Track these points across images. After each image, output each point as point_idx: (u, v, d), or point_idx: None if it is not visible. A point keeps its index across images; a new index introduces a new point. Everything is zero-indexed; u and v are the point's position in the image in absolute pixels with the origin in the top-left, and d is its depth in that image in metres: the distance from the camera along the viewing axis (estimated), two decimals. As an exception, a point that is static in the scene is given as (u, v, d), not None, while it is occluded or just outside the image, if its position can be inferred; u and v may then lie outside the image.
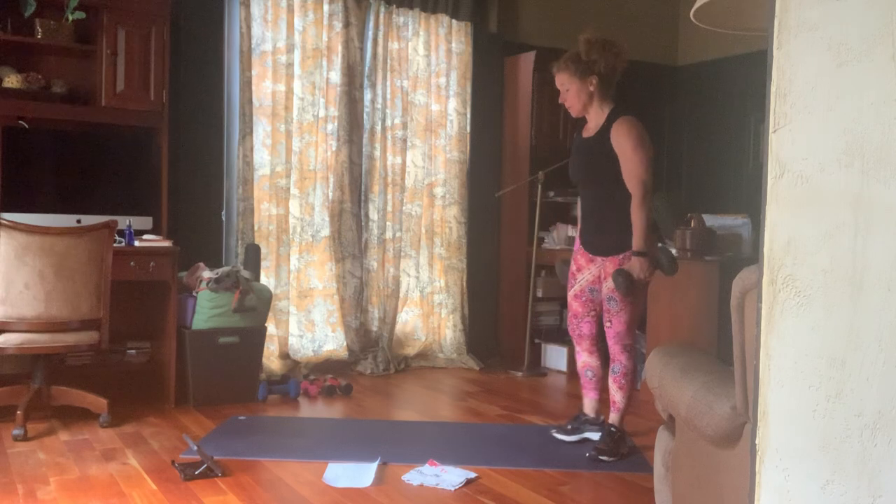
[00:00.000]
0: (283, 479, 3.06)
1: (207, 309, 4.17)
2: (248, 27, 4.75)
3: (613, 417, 3.54)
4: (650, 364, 2.27)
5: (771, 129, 1.19)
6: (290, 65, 4.94)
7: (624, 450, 3.45)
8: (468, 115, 5.68)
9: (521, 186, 5.59)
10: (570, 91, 3.50)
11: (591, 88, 3.47)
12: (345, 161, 5.14)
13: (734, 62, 6.18)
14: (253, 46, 4.80)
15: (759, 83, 5.81)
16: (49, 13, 4.14)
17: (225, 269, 4.26)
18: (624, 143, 3.37)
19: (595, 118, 3.51)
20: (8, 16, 4.09)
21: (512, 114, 5.80)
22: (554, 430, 3.73)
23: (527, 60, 5.67)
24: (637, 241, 3.36)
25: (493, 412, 4.25)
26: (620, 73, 3.51)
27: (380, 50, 5.28)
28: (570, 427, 3.68)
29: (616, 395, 3.55)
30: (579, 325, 3.64)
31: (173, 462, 3.17)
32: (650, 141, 3.40)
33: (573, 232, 5.68)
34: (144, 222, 4.34)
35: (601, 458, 3.39)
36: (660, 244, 3.51)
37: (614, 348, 3.53)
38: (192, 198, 4.68)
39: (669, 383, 2.09)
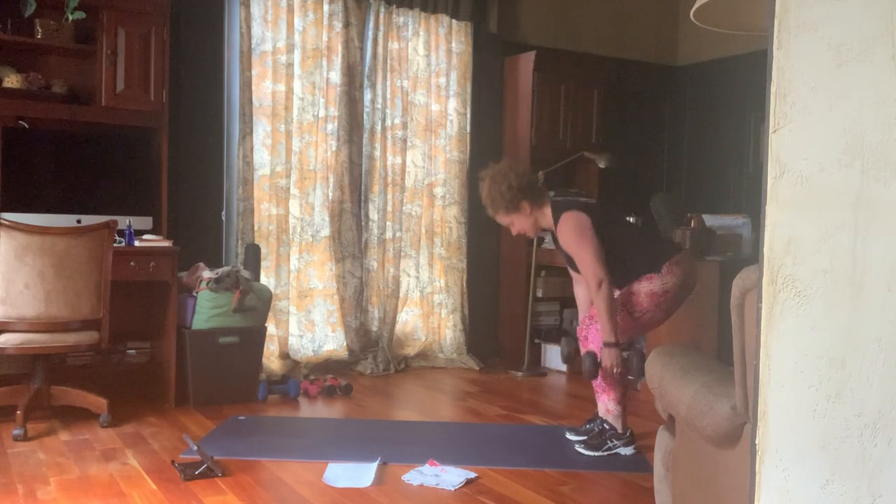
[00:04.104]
0: (283, 479, 3.06)
1: (207, 309, 4.17)
2: (248, 27, 4.75)
3: (610, 418, 3.55)
4: (650, 364, 2.27)
5: (771, 129, 1.19)
6: (290, 65, 4.94)
7: (605, 448, 3.47)
8: (468, 115, 5.67)
9: (521, 186, 5.59)
10: (516, 224, 3.62)
11: (528, 212, 3.56)
12: (345, 161, 5.14)
13: (734, 62, 6.18)
14: (253, 46, 4.80)
15: (759, 83, 5.81)
16: (49, 13, 4.14)
17: (225, 269, 4.26)
18: (566, 243, 3.47)
19: (548, 222, 3.59)
20: (8, 16, 4.09)
21: (512, 114, 5.80)
22: (568, 432, 3.74)
23: (527, 60, 5.67)
24: (604, 331, 3.39)
25: (493, 412, 4.25)
26: (530, 175, 3.60)
27: (380, 50, 5.28)
28: (586, 427, 3.67)
29: (601, 396, 3.57)
30: (588, 328, 3.64)
31: (173, 462, 3.17)
32: (591, 228, 3.41)
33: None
34: (144, 222, 4.34)
35: (577, 448, 3.49)
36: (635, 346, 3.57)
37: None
38: (192, 198, 4.68)
39: (669, 383, 2.09)
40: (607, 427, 3.51)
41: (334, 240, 5.16)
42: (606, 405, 3.54)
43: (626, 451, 3.48)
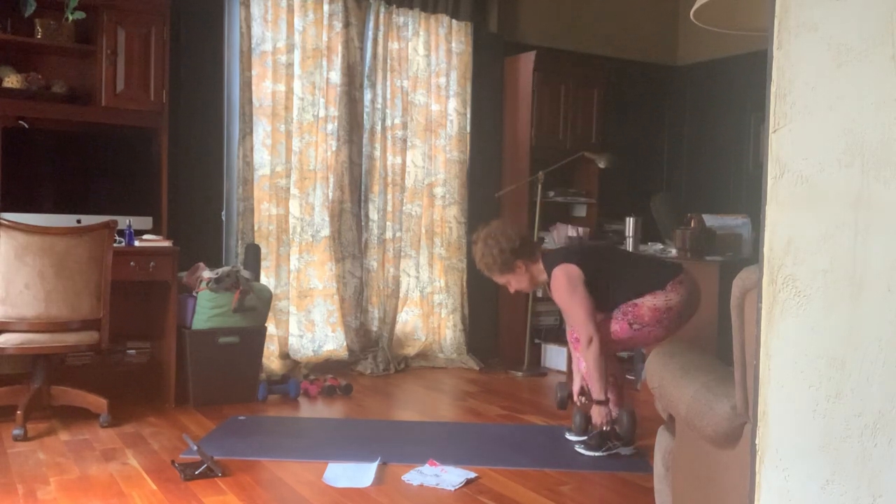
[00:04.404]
0: (283, 479, 3.06)
1: (207, 309, 4.17)
2: (248, 27, 4.75)
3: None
4: (650, 364, 2.27)
5: (771, 129, 1.19)
6: (290, 65, 4.94)
7: (605, 448, 3.48)
8: (468, 115, 5.67)
9: (521, 186, 5.59)
10: (512, 283, 3.68)
11: (522, 270, 3.62)
12: (345, 161, 5.14)
13: (734, 62, 6.18)
14: (253, 46, 4.80)
15: (759, 83, 5.81)
16: (49, 13, 4.14)
17: (225, 269, 4.26)
18: (558, 299, 3.53)
19: (544, 277, 3.65)
20: (8, 16, 4.09)
21: (512, 114, 5.80)
22: (568, 432, 3.73)
23: (527, 60, 5.67)
24: (594, 390, 3.46)
25: (493, 412, 4.25)
26: (521, 232, 3.66)
27: (380, 50, 5.28)
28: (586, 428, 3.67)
29: None
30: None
31: (173, 462, 3.17)
32: (583, 282, 3.46)
33: (573, 232, 5.68)
34: (144, 222, 4.34)
35: (577, 448, 3.50)
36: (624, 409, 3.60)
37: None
38: (192, 198, 4.68)
39: (669, 383, 2.09)
40: (605, 428, 3.51)
41: (334, 240, 5.16)
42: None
43: (626, 451, 3.48)
